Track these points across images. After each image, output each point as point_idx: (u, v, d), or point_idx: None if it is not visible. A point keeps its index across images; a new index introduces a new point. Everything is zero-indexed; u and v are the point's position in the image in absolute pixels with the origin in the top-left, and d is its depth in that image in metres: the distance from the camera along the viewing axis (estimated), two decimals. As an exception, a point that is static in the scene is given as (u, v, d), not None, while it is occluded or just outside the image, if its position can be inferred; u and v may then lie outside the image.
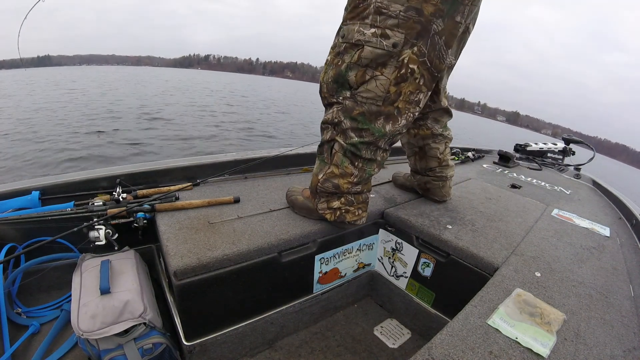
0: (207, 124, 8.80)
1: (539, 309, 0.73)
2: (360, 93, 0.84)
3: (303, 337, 1.11)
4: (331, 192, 0.97)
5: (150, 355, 0.78)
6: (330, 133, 0.93)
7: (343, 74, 0.84)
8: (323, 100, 0.94)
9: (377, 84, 0.82)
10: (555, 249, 1.03)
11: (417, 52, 0.79)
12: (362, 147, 0.91)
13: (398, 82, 0.82)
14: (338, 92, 0.88)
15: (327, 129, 0.94)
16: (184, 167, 1.25)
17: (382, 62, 0.80)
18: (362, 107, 0.85)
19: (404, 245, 1.16)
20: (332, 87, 0.88)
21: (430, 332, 1.10)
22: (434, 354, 0.59)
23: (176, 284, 0.79)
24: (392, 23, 0.77)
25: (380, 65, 0.80)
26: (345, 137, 0.90)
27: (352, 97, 0.86)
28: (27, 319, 0.94)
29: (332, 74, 0.86)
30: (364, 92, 0.84)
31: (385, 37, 0.77)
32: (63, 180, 1.07)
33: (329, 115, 0.92)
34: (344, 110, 0.88)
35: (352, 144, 0.90)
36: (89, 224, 0.90)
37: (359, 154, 0.91)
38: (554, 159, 2.55)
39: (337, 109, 0.89)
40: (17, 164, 4.77)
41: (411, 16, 0.76)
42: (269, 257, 0.93)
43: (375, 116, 0.86)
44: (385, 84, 0.82)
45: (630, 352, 0.65)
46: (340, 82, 0.86)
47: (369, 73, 0.82)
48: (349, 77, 0.84)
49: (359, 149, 0.91)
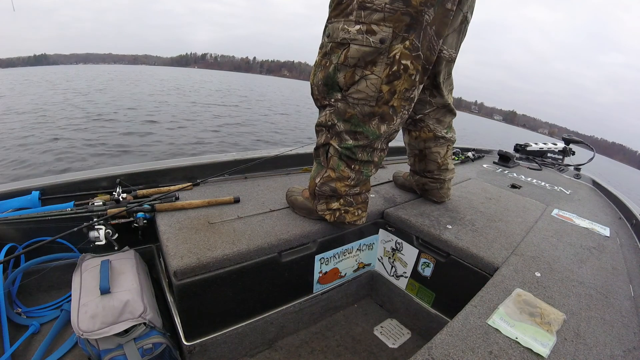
0: (205, 128, 8.65)
1: (539, 309, 0.73)
2: (351, 94, 0.81)
3: (303, 337, 1.11)
4: (329, 195, 0.97)
5: (150, 355, 0.78)
6: (325, 136, 0.91)
7: (332, 76, 0.81)
8: (315, 102, 0.91)
9: (367, 83, 0.79)
10: (555, 249, 1.03)
11: (409, 47, 0.75)
12: (358, 150, 0.89)
13: (390, 80, 0.78)
14: (329, 94, 0.85)
15: (322, 132, 0.92)
16: (184, 167, 1.25)
17: (371, 60, 0.76)
18: (354, 108, 0.83)
19: (404, 245, 1.16)
20: (322, 89, 0.85)
21: (430, 332, 1.10)
22: (434, 354, 0.59)
23: (176, 284, 0.79)
24: (378, 17, 0.73)
25: (370, 63, 0.77)
26: (340, 140, 0.88)
27: (344, 99, 0.83)
28: (27, 319, 0.94)
29: (321, 76, 0.83)
30: (355, 93, 0.80)
31: (372, 33, 0.73)
32: (63, 180, 1.07)
33: (322, 117, 0.90)
34: (336, 112, 0.85)
35: (347, 147, 0.88)
36: (89, 224, 0.90)
37: (355, 157, 0.90)
38: (554, 159, 2.55)
39: (329, 111, 0.87)
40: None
41: (398, 8, 0.71)
42: (269, 257, 0.93)
43: (369, 117, 0.84)
44: (376, 83, 0.78)
45: (630, 352, 0.65)
46: (329, 84, 0.83)
47: (358, 73, 0.78)
48: (338, 79, 0.80)
49: (354, 152, 0.89)
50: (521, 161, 2.42)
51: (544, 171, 2.22)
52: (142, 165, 1.22)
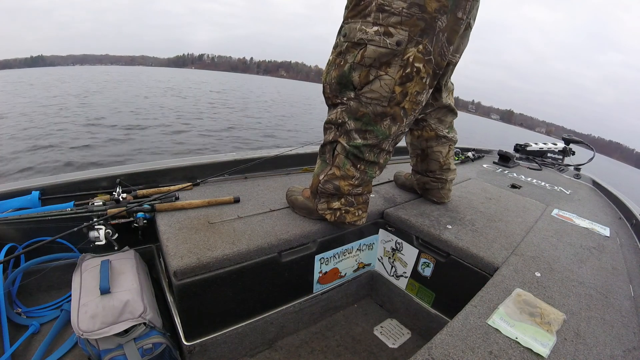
0: (201, 131, 8.36)
1: (539, 309, 0.73)
2: (365, 94, 0.83)
3: (303, 337, 1.11)
4: (331, 193, 0.97)
5: (150, 355, 0.78)
6: (334, 134, 0.92)
7: (346, 74, 0.82)
8: (327, 100, 0.92)
9: (381, 84, 0.80)
10: (555, 249, 1.03)
11: (423, 50, 0.78)
12: (366, 149, 0.90)
13: (403, 81, 0.80)
14: (342, 92, 0.87)
15: (331, 129, 0.93)
16: (184, 167, 1.25)
17: (386, 61, 0.78)
18: (367, 108, 0.84)
19: (404, 245, 1.16)
20: (335, 88, 0.87)
21: (430, 332, 1.10)
22: (434, 354, 0.59)
23: (176, 284, 0.79)
24: (395, 20, 0.75)
25: (385, 64, 0.79)
26: (349, 139, 0.89)
27: (357, 98, 0.84)
28: (27, 319, 0.94)
29: (335, 74, 0.85)
30: (368, 92, 0.82)
31: (389, 35, 0.76)
32: (63, 180, 1.07)
33: (332, 115, 0.91)
34: (348, 111, 0.87)
35: (355, 146, 0.89)
36: (89, 224, 0.90)
37: (362, 156, 0.91)
38: (554, 159, 2.55)
39: (341, 109, 0.88)
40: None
41: (414, 13, 0.74)
42: (269, 257, 0.93)
43: (381, 117, 0.85)
44: (390, 83, 0.80)
45: (630, 352, 0.65)
46: (343, 83, 0.84)
47: (373, 73, 0.80)
48: (352, 78, 0.82)
49: (362, 151, 0.90)
50: (521, 161, 2.42)
51: (544, 171, 2.22)
52: (142, 165, 1.22)
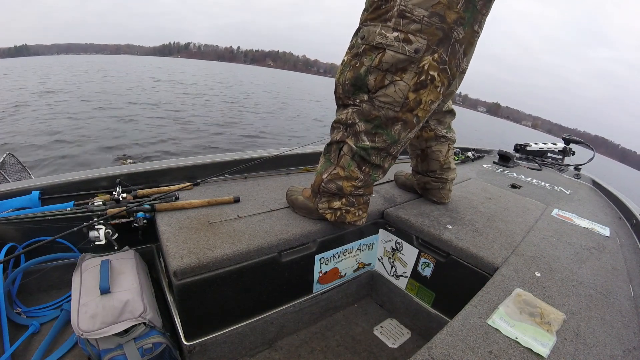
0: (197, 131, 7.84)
1: (539, 309, 0.73)
2: (378, 97, 0.83)
3: (303, 337, 1.10)
4: (333, 192, 0.97)
5: (150, 355, 0.78)
6: (342, 134, 0.92)
7: (362, 77, 0.82)
8: (337, 100, 0.92)
9: (395, 89, 0.81)
10: (555, 249, 1.03)
11: (438, 59, 0.78)
12: (373, 152, 0.90)
13: (417, 88, 0.81)
14: (355, 94, 0.86)
15: (339, 129, 0.93)
16: (184, 167, 1.25)
17: (402, 67, 0.79)
18: (379, 111, 0.84)
19: (404, 245, 1.16)
20: (348, 88, 0.87)
21: (430, 332, 1.10)
22: (434, 354, 0.59)
23: (176, 283, 0.79)
24: (415, 28, 0.75)
25: (400, 70, 0.79)
26: (357, 140, 0.89)
27: (370, 101, 0.84)
28: (27, 318, 0.93)
29: (350, 75, 0.85)
30: (382, 96, 0.82)
31: (408, 42, 0.76)
32: (63, 180, 1.07)
33: (342, 115, 0.90)
34: (359, 112, 0.87)
35: (363, 148, 0.89)
36: (89, 224, 0.90)
37: (368, 159, 0.91)
38: (554, 159, 2.56)
39: (352, 110, 0.88)
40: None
41: (434, 22, 0.75)
42: (269, 257, 0.93)
43: (392, 122, 0.86)
44: (404, 89, 0.80)
45: (630, 352, 0.65)
46: (358, 85, 0.84)
47: (389, 78, 0.80)
48: (368, 81, 0.82)
49: (369, 153, 0.90)
50: (521, 161, 2.42)
51: (544, 171, 2.22)
52: (142, 165, 1.22)
